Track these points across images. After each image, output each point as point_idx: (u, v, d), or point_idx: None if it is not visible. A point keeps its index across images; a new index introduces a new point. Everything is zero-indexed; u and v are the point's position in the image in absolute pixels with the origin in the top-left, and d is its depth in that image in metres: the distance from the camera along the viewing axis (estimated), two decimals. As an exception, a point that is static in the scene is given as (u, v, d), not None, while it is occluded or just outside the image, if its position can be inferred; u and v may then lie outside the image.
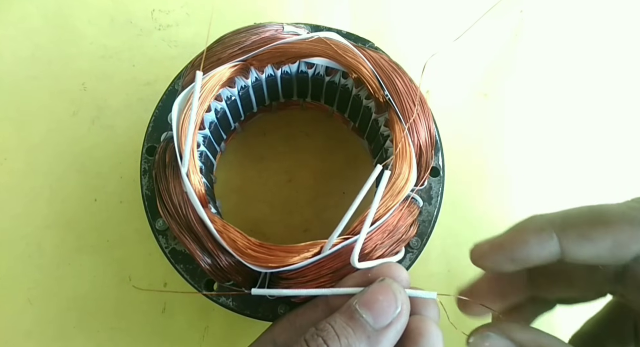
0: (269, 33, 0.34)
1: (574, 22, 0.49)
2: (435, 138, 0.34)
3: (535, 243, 0.23)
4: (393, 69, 0.34)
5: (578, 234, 0.22)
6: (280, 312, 0.30)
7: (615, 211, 0.21)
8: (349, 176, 0.41)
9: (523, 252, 0.23)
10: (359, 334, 0.22)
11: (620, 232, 0.21)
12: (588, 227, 0.21)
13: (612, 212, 0.21)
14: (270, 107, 0.41)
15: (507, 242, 0.24)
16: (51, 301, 0.38)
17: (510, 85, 0.46)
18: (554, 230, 0.22)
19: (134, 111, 0.43)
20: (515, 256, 0.23)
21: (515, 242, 0.23)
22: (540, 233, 0.23)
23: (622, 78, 0.47)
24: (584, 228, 0.22)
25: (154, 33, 0.46)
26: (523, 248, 0.23)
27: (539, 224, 0.23)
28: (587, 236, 0.21)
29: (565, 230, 0.22)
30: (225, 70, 0.33)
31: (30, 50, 0.45)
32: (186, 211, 0.30)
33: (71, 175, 0.41)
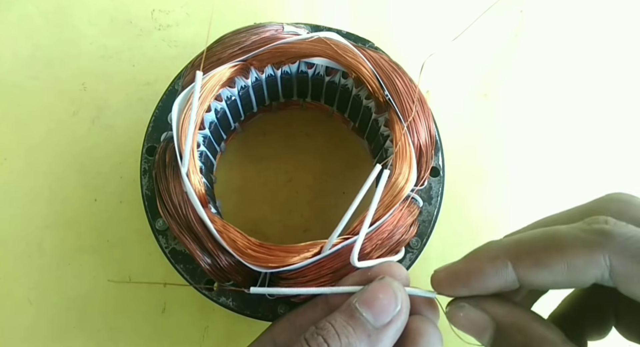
0: (269, 33, 0.34)
1: (574, 22, 0.49)
2: (435, 138, 0.34)
3: (490, 272, 0.22)
4: (393, 69, 0.34)
5: (533, 262, 0.21)
6: (280, 312, 0.30)
7: (568, 235, 0.20)
8: (349, 176, 0.41)
9: (479, 282, 0.22)
10: (359, 332, 0.22)
11: (574, 258, 0.20)
12: (542, 254, 0.21)
13: (565, 236, 0.21)
14: (270, 107, 0.41)
15: (463, 271, 0.23)
16: (51, 301, 0.38)
17: (510, 85, 0.46)
18: (508, 258, 0.21)
19: (134, 111, 0.43)
20: (471, 285, 0.23)
21: (471, 271, 0.23)
22: (494, 262, 0.22)
23: (621, 78, 0.47)
24: (538, 255, 0.21)
25: (154, 33, 0.46)
26: (478, 277, 0.22)
27: (494, 252, 0.22)
28: (542, 264, 0.21)
29: (519, 257, 0.21)
30: (225, 70, 0.33)
31: (30, 50, 0.45)
32: (186, 211, 0.30)
33: (71, 175, 0.41)
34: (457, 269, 0.23)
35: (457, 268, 0.23)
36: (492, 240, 0.23)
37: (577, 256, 0.20)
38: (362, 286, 0.25)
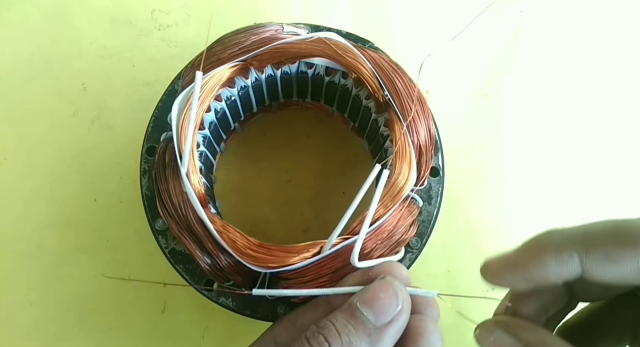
0: (268, 33, 0.34)
1: (574, 22, 0.49)
2: (435, 138, 0.34)
3: (554, 263, 0.21)
4: (393, 69, 0.34)
5: (603, 255, 0.20)
6: (280, 312, 0.30)
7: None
8: (349, 176, 0.41)
9: (540, 273, 0.21)
10: (360, 331, 0.22)
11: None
12: (614, 247, 0.19)
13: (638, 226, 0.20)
14: (270, 107, 0.41)
15: (522, 261, 0.22)
16: (51, 301, 0.38)
17: (510, 85, 0.46)
18: (574, 249, 0.20)
19: (134, 111, 0.43)
20: (531, 276, 0.21)
21: (532, 262, 0.21)
22: (559, 252, 0.21)
23: (621, 78, 0.47)
24: (609, 248, 0.20)
25: (154, 33, 0.46)
26: (540, 268, 0.21)
27: (559, 242, 0.21)
28: (613, 257, 0.19)
29: (588, 250, 0.20)
30: (225, 71, 0.33)
31: (30, 50, 0.45)
32: (186, 211, 0.30)
33: (71, 175, 0.41)
34: (515, 258, 0.22)
35: (515, 257, 0.22)
36: (552, 228, 0.22)
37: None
38: (363, 286, 0.25)
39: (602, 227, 0.20)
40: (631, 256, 0.19)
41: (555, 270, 0.21)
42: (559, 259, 0.20)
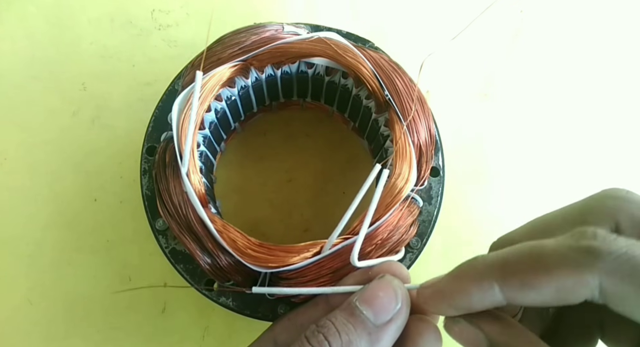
0: (269, 33, 0.34)
1: (574, 22, 0.49)
2: (435, 138, 0.34)
3: (475, 293, 0.21)
4: (393, 68, 0.34)
5: (519, 283, 0.20)
6: (280, 312, 0.30)
7: (556, 255, 0.19)
8: (349, 176, 0.41)
9: (464, 301, 0.21)
10: (360, 330, 0.22)
11: (563, 279, 0.19)
12: (529, 275, 0.19)
13: (552, 255, 0.19)
14: (270, 107, 0.41)
15: (448, 291, 0.22)
16: (51, 301, 0.38)
17: (510, 85, 0.46)
18: (494, 278, 0.20)
19: (134, 111, 0.43)
20: (457, 305, 0.22)
21: (455, 291, 0.22)
22: (480, 282, 0.21)
23: (621, 78, 0.47)
24: (525, 276, 0.20)
25: (154, 33, 0.46)
26: (464, 297, 0.21)
27: (479, 272, 0.21)
28: (529, 285, 0.19)
29: (505, 278, 0.20)
30: (225, 70, 0.33)
31: (30, 50, 0.45)
32: (186, 211, 0.30)
33: (71, 175, 0.41)
34: (443, 287, 0.23)
35: (443, 287, 0.23)
36: (478, 255, 0.22)
37: (565, 278, 0.19)
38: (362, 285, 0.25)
39: (519, 253, 0.20)
40: (546, 283, 0.19)
41: (478, 299, 0.21)
42: (480, 289, 0.21)
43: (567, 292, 0.19)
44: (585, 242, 0.19)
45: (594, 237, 0.19)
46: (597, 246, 0.18)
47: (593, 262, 0.18)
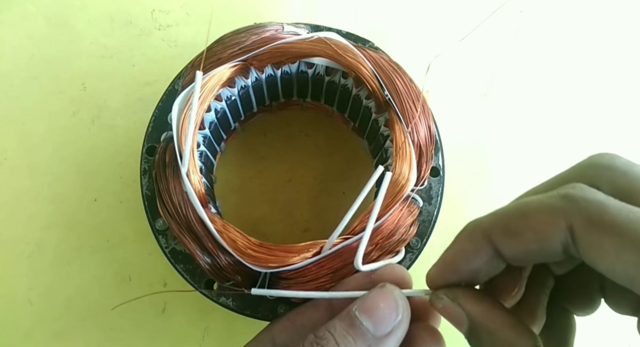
0: (269, 33, 0.34)
1: (574, 22, 0.49)
2: (435, 138, 0.34)
3: (471, 250, 0.22)
4: (393, 69, 0.34)
5: (503, 231, 0.21)
6: (280, 312, 0.30)
7: (535, 202, 0.20)
8: (349, 176, 0.41)
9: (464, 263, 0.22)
10: (359, 342, 0.22)
11: (539, 223, 0.19)
12: (511, 222, 0.20)
13: (533, 203, 0.20)
14: (270, 107, 0.41)
15: (449, 257, 0.23)
16: (51, 301, 0.38)
17: (511, 85, 0.46)
18: (482, 231, 0.21)
19: (134, 111, 0.43)
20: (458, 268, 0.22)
21: (455, 254, 0.23)
22: (472, 238, 0.22)
23: (622, 77, 0.47)
24: (507, 224, 0.21)
25: (154, 33, 0.46)
26: (463, 258, 0.22)
27: (471, 229, 0.22)
28: (511, 231, 0.20)
29: (492, 229, 0.21)
30: (225, 70, 0.33)
31: (30, 50, 0.45)
32: (186, 211, 0.30)
33: (71, 175, 0.41)
34: (444, 257, 0.23)
35: (444, 256, 0.23)
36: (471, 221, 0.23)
37: (541, 221, 0.19)
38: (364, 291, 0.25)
39: (505, 207, 0.21)
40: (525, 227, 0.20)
41: (475, 258, 0.22)
42: (474, 245, 0.22)
43: (544, 237, 0.19)
44: (563, 190, 0.19)
45: (573, 187, 0.20)
46: (572, 192, 0.19)
47: (567, 206, 0.19)
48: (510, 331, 0.21)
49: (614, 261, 0.18)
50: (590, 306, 0.24)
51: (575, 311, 0.25)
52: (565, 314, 0.25)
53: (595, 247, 0.18)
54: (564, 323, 0.25)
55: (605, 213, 0.18)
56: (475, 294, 0.22)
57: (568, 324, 0.25)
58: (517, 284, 0.24)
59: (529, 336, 0.20)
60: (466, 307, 0.22)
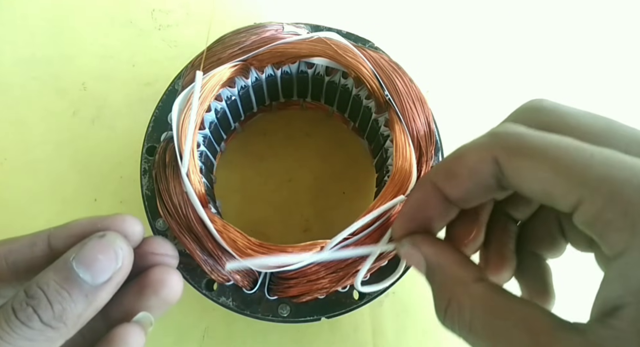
0: (269, 33, 0.34)
1: (574, 21, 0.49)
2: (435, 138, 0.34)
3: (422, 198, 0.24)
4: (393, 69, 0.34)
5: (444, 175, 0.23)
6: (281, 312, 0.30)
7: (468, 144, 0.23)
8: (349, 176, 0.41)
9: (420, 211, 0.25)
10: (76, 294, 0.21)
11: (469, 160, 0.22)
12: (449, 165, 0.23)
13: (466, 145, 0.23)
14: (270, 107, 0.41)
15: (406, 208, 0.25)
16: (51, 301, 0.38)
17: (510, 85, 0.46)
18: (429, 178, 0.24)
19: (134, 111, 0.43)
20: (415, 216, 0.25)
21: (410, 205, 0.25)
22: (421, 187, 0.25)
23: (622, 77, 0.47)
24: (447, 168, 0.23)
25: (154, 33, 0.46)
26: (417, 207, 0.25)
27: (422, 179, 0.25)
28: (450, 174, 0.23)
29: (436, 176, 0.24)
30: (225, 70, 0.33)
31: (30, 50, 0.45)
32: (186, 211, 0.30)
33: (71, 175, 0.41)
34: (402, 210, 0.26)
35: (403, 209, 0.26)
36: None
37: (471, 159, 0.22)
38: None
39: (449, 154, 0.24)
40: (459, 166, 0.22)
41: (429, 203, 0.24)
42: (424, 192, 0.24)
43: (476, 172, 0.22)
44: (493, 130, 0.22)
45: (500, 126, 0.22)
46: (497, 130, 0.22)
47: (491, 141, 0.21)
48: (457, 266, 0.23)
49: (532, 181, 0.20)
50: (557, 248, 0.26)
51: (544, 253, 0.26)
52: (537, 258, 0.26)
53: (516, 172, 0.20)
54: (538, 267, 0.26)
55: (523, 141, 0.20)
56: (430, 239, 0.24)
57: (541, 267, 0.26)
58: (474, 228, 0.25)
59: (471, 269, 0.22)
60: (423, 250, 0.24)
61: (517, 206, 0.26)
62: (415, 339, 0.37)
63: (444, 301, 0.22)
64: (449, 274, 0.22)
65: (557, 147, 0.19)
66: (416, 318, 0.38)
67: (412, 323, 0.38)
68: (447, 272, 0.23)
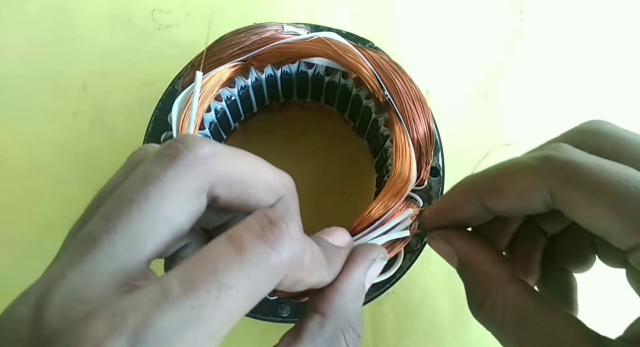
0: (269, 33, 0.34)
1: (574, 21, 0.49)
2: (435, 138, 0.34)
3: (462, 203, 0.24)
4: (393, 69, 0.34)
5: (490, 188, 0.23)
6: (281, 312, 0.30)
7: (519, 162, 0.22)
8: (349, 176, 0.41)
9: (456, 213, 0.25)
10: None
11: (520, 183, 0.21)
12: (497, 180, 0.23)
13: (517, 163, 0.22)
14: (270, 107, 0.41)
15: (442, 206, 0.26)
16: (51, 301, 0.38)
17: (511, 85, 0.46)
18: (473, 187, 0.24)
19: (134, 111, 0.43)
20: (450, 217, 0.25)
21: (448, 204, 0.25)
22: (464, 193, 0.24)
23: (622, 77, 0.47)
24: (494, 182, 0.23)
25: (154, 33, 0.46)
26: (455, 209, 0.25)
27: (464, 185, 0.25)
28: (496, 189, 0.22)
29: (481, 186, 0.23)
30: (225, 71, 0.33)
31: (30, 50, 0.45)
32: (186, 211, 0.30)
33: (71, 175, 0.41)
34: (438, 205, 0.26)
35: (438, 204, 0.26)
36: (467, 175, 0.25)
37: (522, 181, 0.21)
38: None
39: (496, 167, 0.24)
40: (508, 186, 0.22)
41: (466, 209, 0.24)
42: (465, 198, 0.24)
43: (526, 195, 0.21)
44: (544, 151, 0.21)
45: (555, 149, 0.21)
46: (551, 154, 0.21)
47: (544, 167, 0.20)
48: (490, 264, 0.23)
49: (588, 217, 0.19)
50: (585, 263, 0.25)
51: (572, 268, 0.26)
52: (564, 272, 0.26)
53: (570, 204, 0.20)
54: (565, 281, 0.26)
55: (580, 172, 0.19)
56: (463, 235, 0.25)
57: (568, 282, 0.26)
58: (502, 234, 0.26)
59: (506, 269, 0.22)
60: (455, 246, 0.24)
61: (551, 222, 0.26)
62: (415, 339, 0.37)
63: (477, 297, 0.22)
64: (482, 272, 0.23)
65: (617, 184, 0.18)
66: (416, 318, 0.38)
67: (412, 323, 0.38)
68: (481, 269, 0.23)
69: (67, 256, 0.16)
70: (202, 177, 0.17)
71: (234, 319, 0.16)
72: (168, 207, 0.16)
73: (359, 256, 0.24)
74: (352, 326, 0.21)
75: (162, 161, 0.17)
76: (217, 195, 0.18)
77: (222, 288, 0.15)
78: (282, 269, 0.17)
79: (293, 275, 0.18)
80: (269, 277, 0.17)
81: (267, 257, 0.16)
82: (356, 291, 0.23)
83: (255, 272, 0.16)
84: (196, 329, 0.14)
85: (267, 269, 0.16)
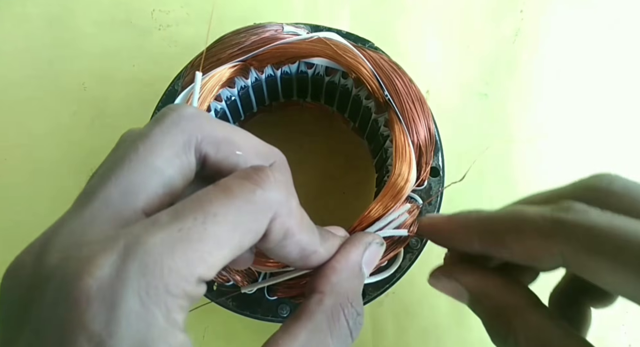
0: (269, 33, 0.34)
1: (575, 21, 0.49)
2: (435, 138, 0.34)
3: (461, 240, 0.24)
4: (393, 69, 0.34)
5: (494, 241, 0.22)
6: (281, 312, 0.30)
7: (529, 221, 0.20)
8: (349, 176, 0.41)
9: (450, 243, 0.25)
10: None
11: (531, 245, 0.20)
12: (503, 235, 0.21)
13: (527, 221, 0.21)
14: (270, 107, 0.41)
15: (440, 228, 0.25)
16: (51, 301, 0.38)
17: (510, 85, 0.46)
18: (476, 232, 0.23)
19: (134, 111, 0.43)
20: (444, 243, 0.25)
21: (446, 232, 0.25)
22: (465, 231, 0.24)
23: (622, 77, 0.47)
24: (500, 235, 0.22)
25: (154, 33, 0.46)
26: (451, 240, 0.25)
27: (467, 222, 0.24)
28: (502, 244, 0.21)
29: (485, 234, 0.22)
30: (225, 71, 0.33)
31: (31, 50, 0.45)
32: (186, 211, 0.30)
33: (71, 175, 0.41)
34: (438, 225, 0.26)
35: (438, 224, 0.26)
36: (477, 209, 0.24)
37: (533, 243, 0.20)
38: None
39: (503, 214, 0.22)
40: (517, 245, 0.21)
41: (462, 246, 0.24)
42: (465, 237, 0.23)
43: (536, 257, 0.20)
44: (557, 213, 0.20)
45: (567, 210, 0.20)
46: (565, 217, 0.19)
47: (558, 232, 0.19)
48: (505, 291, 0.22)
49: (612, 282, 0.18)
50: (608, 300, 0.25)
51: (594, 304, 0.25)
52: (582, 308, 0.25)
53: (589, 269, 0.19)
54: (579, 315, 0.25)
55: (597, 237, 0.18)
56: (466, 268, 0.24)
57: (584, 318, 0.25)
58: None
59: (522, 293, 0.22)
60: (462, 281, 0.23)
61: None
62: (415, 339, 0.37)
63: (501, 330, 0.21)
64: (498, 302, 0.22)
65: None
66: (416, 318, 0.38)
67: (412, 323, 0.38)
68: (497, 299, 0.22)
69: (68, 211, 0.19)
70: (187, 132, 0.18)
71: (223, 246, 0.16)
72: (157, 159, 0.17)
73: (354, 238, 0.25)
74: (350, 302, 0.21)
75: (149, 124, 0.18)
76: (205, 153, 0.19)
77: (209, 215, 0.16)
78: (268, 205, 0.18)
79: (282, 220, 0.19)
80: (256, 211, 0.17)
81: (252, 192, 0.17)
82: (353, 268, 0.23)
83: (240, 203, 0.17)
84: (186, 248, 0.15)
85: (253, 202, 0.17)
